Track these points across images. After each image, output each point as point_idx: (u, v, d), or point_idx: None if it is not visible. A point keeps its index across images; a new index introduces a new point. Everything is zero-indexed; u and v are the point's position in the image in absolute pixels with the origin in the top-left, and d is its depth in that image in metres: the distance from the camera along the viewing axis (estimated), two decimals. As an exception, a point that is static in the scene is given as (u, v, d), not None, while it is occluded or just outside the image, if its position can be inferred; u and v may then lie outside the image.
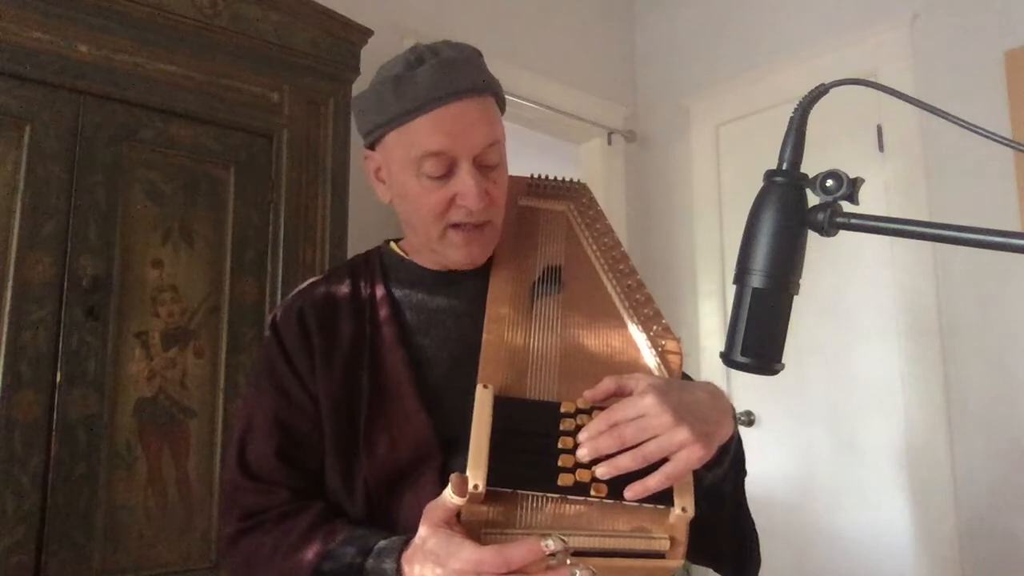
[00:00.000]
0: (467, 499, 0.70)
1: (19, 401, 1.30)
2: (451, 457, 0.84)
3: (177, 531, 1.45)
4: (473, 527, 0.72)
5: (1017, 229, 1.58)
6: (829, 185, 0.62)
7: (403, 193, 0.92)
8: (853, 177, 0.62)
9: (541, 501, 0.74)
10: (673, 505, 0.73)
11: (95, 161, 1.44)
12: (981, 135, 0.59)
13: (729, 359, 0.66)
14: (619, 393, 0.78)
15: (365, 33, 1.82)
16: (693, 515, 0.73)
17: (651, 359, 0.86)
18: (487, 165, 0.89)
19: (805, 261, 0.65)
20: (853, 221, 0.62)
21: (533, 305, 0.90)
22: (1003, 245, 0.55)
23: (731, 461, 0.85)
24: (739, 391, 2.61)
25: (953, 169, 2.18)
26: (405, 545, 0.75)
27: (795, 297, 0.65)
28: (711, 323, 2.75)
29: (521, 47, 2.71)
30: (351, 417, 0.89)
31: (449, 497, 0.70)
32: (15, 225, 1.34)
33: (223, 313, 1.56)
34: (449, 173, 0.88)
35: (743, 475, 0.91)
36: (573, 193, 1.05)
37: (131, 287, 1.46)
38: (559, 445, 0.75)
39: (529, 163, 1.65)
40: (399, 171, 0.90)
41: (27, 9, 1.37)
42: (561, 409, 0.78)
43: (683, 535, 0.74)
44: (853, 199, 0.62)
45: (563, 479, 0.73)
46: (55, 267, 1.37)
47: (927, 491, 2.16)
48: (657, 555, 0.74)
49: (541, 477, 0.74)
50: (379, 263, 1.01)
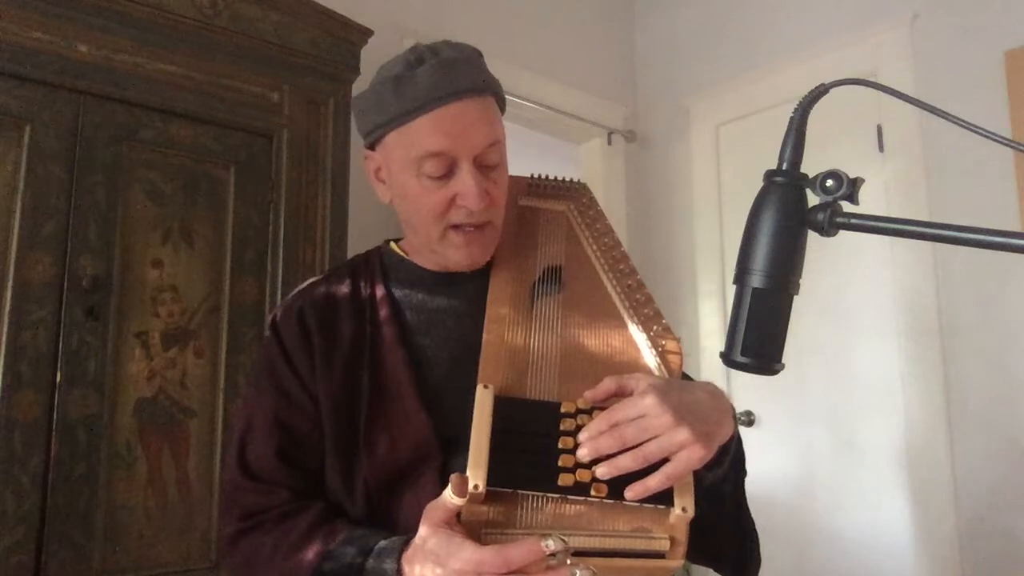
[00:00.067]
0: (467, 499, 0.70)
1: (19, 401, 1.30)
2: (451, 457, 0.84)
3: (177, 531, 1.45)
4: (473, 527, 0.72)
5: (1017, 229, 1.58)
6: (829, 185, 0.62)
7: (403, 193, 0.92)
8: (853, 177, 0.62)
9: (541, 501, 0.74)
10: (673, 505, 0.73)
11: (95, 161, 1.44)
12: (981, 135, 0.59)
13: (729, 359, 0.66)
14: (619, 393, 0.78)
15: (365, 33, 1.82)
16: (693, 515, 0.73)
17: (651, 359, 0.86)
18: (487, 165, 0.89)
19: (805, 261, 0.65)
20: (853, 221, 0.62)
21: (533, 305, 0.90)
22: (1003, 245, 0.55)
23: (731, 461, 0.85)
24: (739, 391, 2.61)
25: (953, 169, 2.18)
26: (405, 545, 0.75)
27: (795, 297, 0.65)
28: (711, 323, 2.75)
29: (521, 47, 2.71)
30: (351, 417, 0.89)
31: (449, 497, 0.71)
32: (15, 225, 1.34)
33: (223, 313, 1.56)
34: (449, 173, 0.87)
35: (743, 475, 0.91)
36: (573, 193, 1.04)
37: (131, 287, 1.46)
38: (559, 445, 0.75)
39: (529, 163, 1.65)
40: (399, 171, 0.90)
41: (27, 9, 1.37)
42: (561, 409, 0.78)
43: (683, 535, 0.74)
44: (853, 199, 0.62)
45: (563, 479, 0.73)
46: (55, 267, 1.37)
47: (927, 491, 2.16)
48: (657, 555, 0.74)
49: (541, 477, 0.74)
50: (379, 263, 1.01)
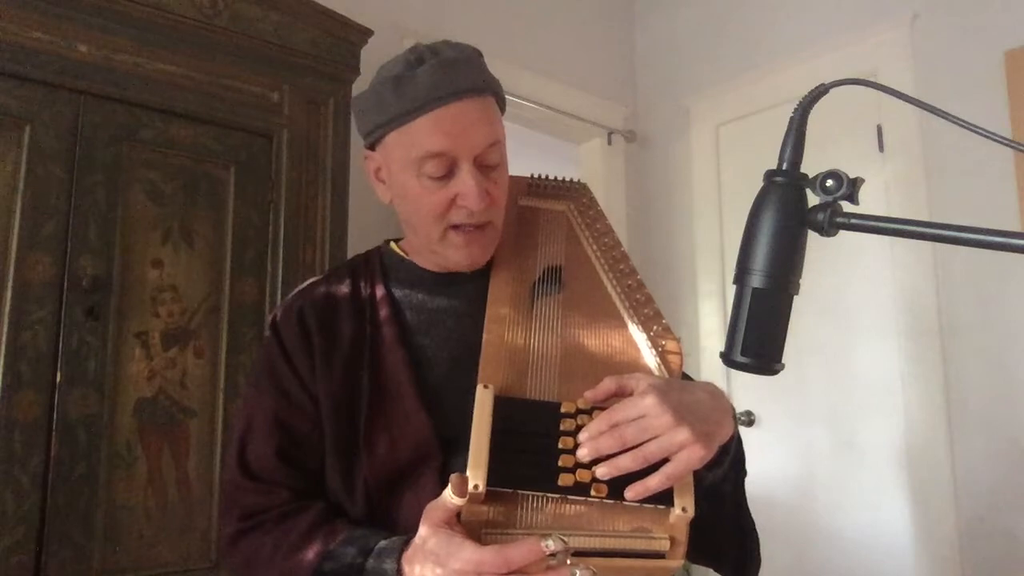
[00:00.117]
0: (467, 499, 0.70)
1: (19, 401, 1.30)
2: (451, 457, 0.84)
3: (177, 531, 1.45)
4: (473, 527, 0.72)
5: (1017, 229, 1.58)
6: (829, 185, 0.62)
7: (403, 193, 0.92)
8: (853, 177, 0.62)
9: (541, 501, 0.74)
10: (673, 505, 0.73)
11: (95, 161, 1.44)
12: (981, 135, 0.59)
13: (729, 359, 0.66)
14: (620, 393, 0.78)
15: (365, 33, 1.82)
16: (693, 515, 0.73)
17: (651, 359, 0.86)
18: (487, 165, 0.89)
19: (805, 261, 0.65)
20: (853, 221, 0.62)
21: (533, 305, 0.90)
22: (1003, 245, 0.55)
23: (731, 461, 0.85)
24: (739, 391, 2.61)
25: (953, 169, 2.18)
26: (405, 545, 0.75)
27: (795, 297, 0.65)
28: (711, 323, 2.75)
29: (521, 47, 2.71)
30: (351, 417, 0.89)
31: (449, 497, 0.71)
32: (15, 225, 1.34)
33: (223, 313, 1.56)
34: (450, 173, 0.87)
35: (743, 475, 0.91)
36: (573, 193, 1.04)
37: (131, 287, 1.46)
38: (559, 445, 0.75)
39: (529, 163, 1.65)
40: (399, 171, 0.90)
41: (27, 9, 1.37)
42: (561, 409, 0.78)
43: (683, 535, 0.74)
44: (853, 199, 0.62)
45: (563, 479, 0.73)
46: (55, 267, 1.37)
47: (927, 491, 2.16)
48: (657, 555, 0.74)
49: (541, 477, 0.74)
50: (379, 263, 1.01)
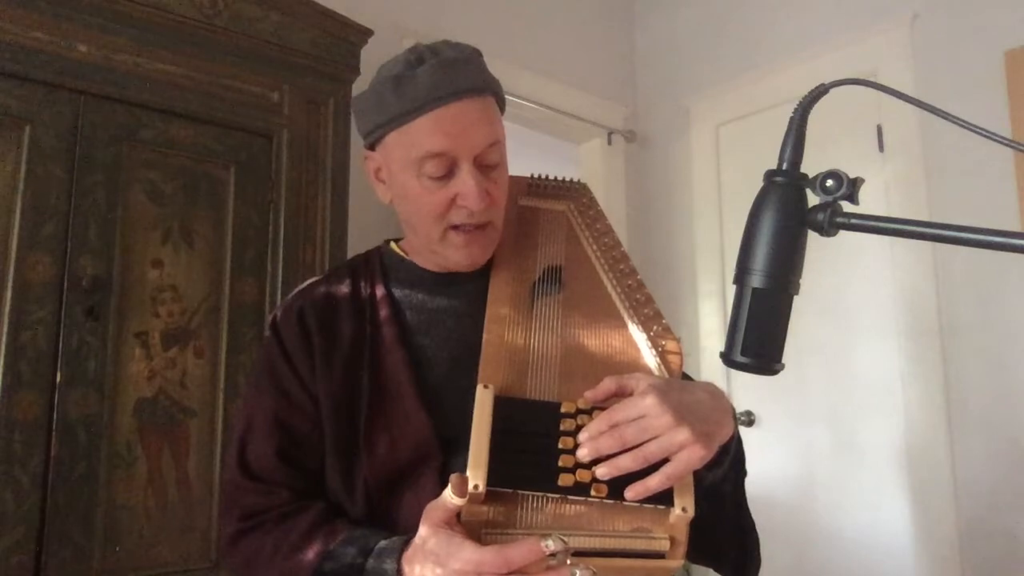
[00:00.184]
0: (467, 499, 0.70)
1: (19, 401, 1.30)
2: (451, 457, 0.84)
3: (177, 531, 1.45)
4: (473, 527, 0.72)
5: (1017, 229, 1.58)
6: (829, 185, 0.62)
7: (403, 193, 0.92)
8: (853, 177, 0.62)
9: (541, 501, 0.74)
10: (673, 505, 0.73)
11: (95, 161, 1.44)
12: (981, 135, 0.59)
13: (729, 359, 0.66)
14: (620, 393, 0.78)
15: (365, 33, 1.82)
16: (693, 515, 0.73)
17: (651, 359, 0.86)
18: (487, 165, 0.89)
19: (805, 261, 0.65)
20: (853, 221, 0.62)
21: (533, 305, 0.90)
22: (1003, 245, 0.55)
23: (731, 461, 0.85)
24: (739, 391, 2.61)
25: (953, 169, 2.18)
26: (405, 545, 0.75)
27: (795, 297, 0.65)
28: (711, 323, 2.75)
29: (521, 47, 2.71)
30: (351, 417, 0.89)
31: (449, 497, 0.71)
32: (15, 225, 1.34)
33: (223, 313, 1.56)
34: (450, 173, 0.87)
35: (743, 475, 0.91)
36: (573, 193, 1.04)
37: (131, 287, 1.46)
38: (559, 445, 0.75)
39: (529, 163, 1.65)
40: (399, 171, 0.90)
41: (27, 9, 1.37)
42: (561, 409, 0.78)
43: (683, 535, 0.74)
44: (853, 199, 0.62)
45: (563, 479, 0.73)
46: (55, 267, 1.37)
47: (927, 491, 2.16)
48: (657, 555, 0.74)
49: (541, 477, 0.74)
50: (379, 263, 1.01)
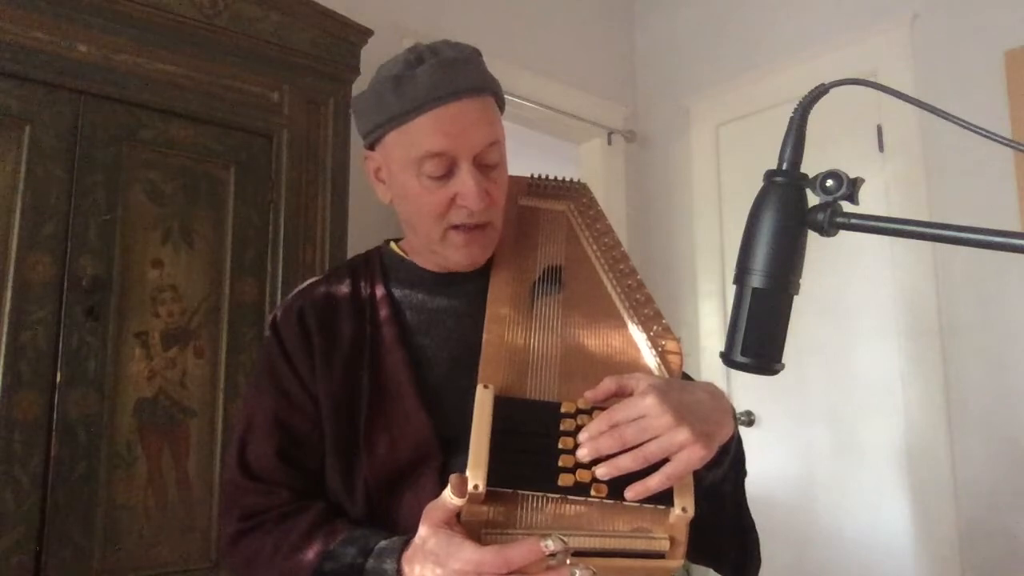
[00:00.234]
0: (467, 499, 0.70)
1: (19, 401, 1.30)
2: (451, 457, 0.84)
3: (177, 531, 1.45)
4: (473, 527, 0.72)
5: (1017, 229, 1.58)
6: (829, 185, 0.62)
7: (403, 193, 0.92)
8: (853, 177, 0.62)
9: (541, 501, 0.74)
10: (673, 505, 0.73)
11: (95, 161, 1.44)
12: (981, 135, 0.59)
13: (729, 359, 0.66)
14: (620, 393, 0.78)
15: (365, 33, 1.82)
16: (693, 515, 0.73)
17: (651, 359, 0.86)
18: (487, 165, 0.89)
19: (805, 261, 0.65)
20: (853, 221, 0.62)
21: (533, 305, 0.90)
22: (1003, 245, 0.55)
23: (731, 461, 0.85)
24: (739, 391, 2.61)
25: (953, 169, 2.18)
26: (405, 545, 0.75)
27: (795, 297, 0.65)
28: (711, 323, 2.75)
29: (521, 47, 2.71)
30: (351, 417, 0.89)
31: (449, 497, 0.71)
32: (15, 225, 1.34)
33: (223, 313, 1.56)
34: (449, 173, 0.87)
35: (743, 475, 0.91)
36: (573, 193, 1.04)
37: (131, 287, 1.46)
38: (559, 445, 0.75)
39: (529, 163, 1.65)
40: (399, 171, 0.90)
41: (27, 9, 1.37)
42: (561, 409, 0.78)
43: (683, 535, 0.74)
44: (853, 199, 0.62)
45: (563, 479, 0.73)
46: (55, 267, 1.37)
47: (927, 491, 2.16)
48: (657, 555, 0.74)
49: (541, 477, 0.74)
50: (379, 263, 1.01)
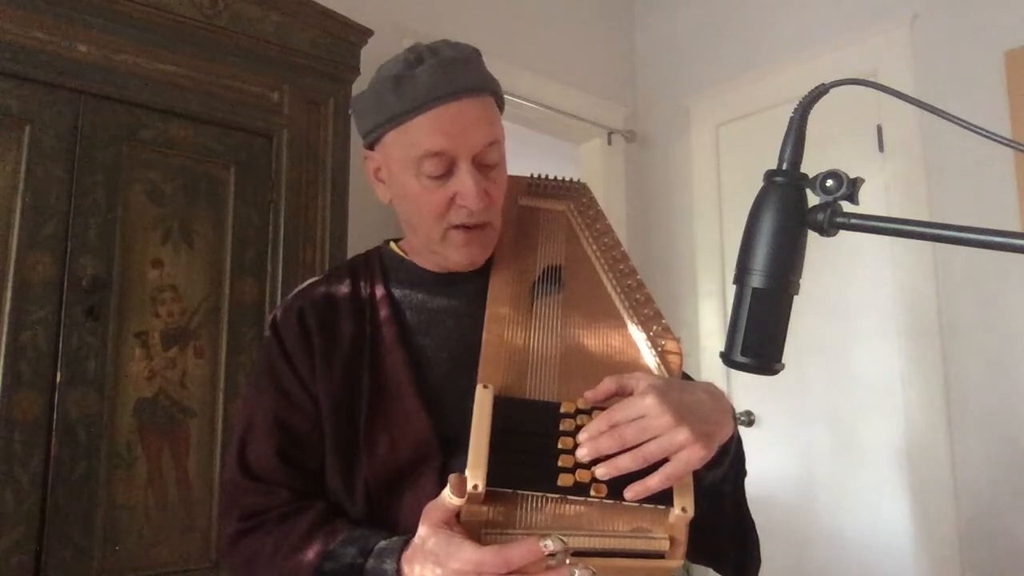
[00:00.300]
0: (466, 499, 0.70)
1: (19, 401, 1.30)
2: (451, 457, 0.84)
3: (177, 531, 1.45)
4: (473, 527, 0.72)
5: (1017, 229, 1.58)
6: (829, 185, 0.62)
7: (403, 193, 0.92)
8: (853, 177, 0.62)
9: (541, 501, 0.74)
10: (673, 505, 0.73)
11: (95, 161, 1.44)
12: (981, 135, 0.59)
13: (729, 359, 0.66)
14: (619, 393, 0.78)
15: (365, 33, 1.82)
16: (693, 515, 0.73)
17: (651, 359, 0.86)
18: (486, 164, 0.89)
19: (805, 261, 0.65)
20: (853, 221, 0.62)
21: (533, 305, 0.90)
22: (1003, 245, 0.55)
23: (731, 461, 0.85)
24: (739, 391, 2.61)
25: (953, 169, 2.18)
26: (405, 545, 0.75)
27: (795, 297, 0.65)
28: (711, 323, 2.75)
29: (521, 47, 2.71)
30: (351, 417, 0.89)
31: (448, 497, 0.71)
32: (15, 225, 1.34)
33: (223, 313, 1.56)
34: (448, 173, 0.87)
35: (743, 475, 0.91)
36: (573, 193, 1.04)
37: (131, 287, 1.46)
38: (559, 445, 0.75)
39: (529, 163, 1.65)
40: (399, 171, 0.90)
41: (27, 9, 1.37)
42: (561, 409, 0.78)
43: (683, 535, 0.74)
44: (853, 199, 0.62)
45: (563, 479, 0.73)
46: (55, 267, 1.37)
47: (927, 491, 2.16)
48: (657, 555, 0.74)
49: (541, 477, 0.74)
50: (379, 263, 1.01)
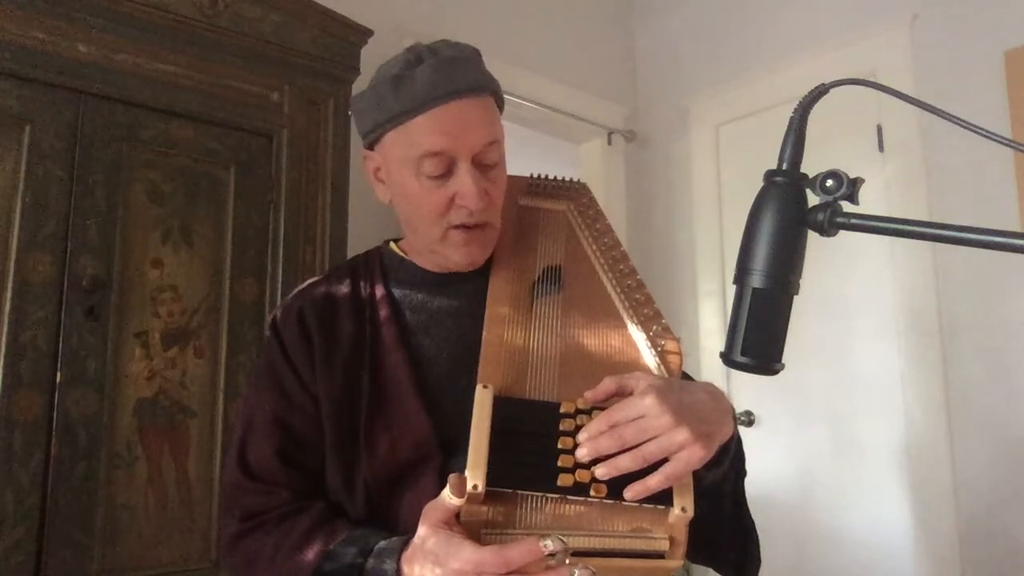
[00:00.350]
0: (466, 499, 0.70)
1: (19, 401, 1.30)
2: (451, 457, 0.84)
3: (177, 531, 1.45)
4: (473, 527, 0.72)
5: (1017, 229, 1.58)
6: (829, 185, 0.62)
7: (403, 193, 0.92)
8: (853, 177, 0.62)
9: (541, 501, 0.74)
10: (673, 505, 0.73)
11: (95, 161, 1.44)
12: (981, 135, 0.59)
13: (729, 359, 0.66)
14: (619, 393, 0.78)
15: (365, 33, 1.82)
16: (692, 515, 0.73)
17: (651, 359, 0.86)
18: (486, 164, 0.89)
19: (805, 261, 0.65)
20: (853, 221, 0.62)
21: (533, 305, 0.90)
22: (1003, 245, 0.55)
23: (731, 461, 0.85)
24: (739, 391, 2.61)
25: (953, 169, 2.18)
26: (405, 545, 0.75)
27: (795, 297, 0.65)
28: (711, 323, 2.75)
29: (521, 47, 2.71)
30: (351, 417, 0.89)
31: (448, 497, 0.71)
32: (15, 225, 1.34)
33: (223, 313, 1.56)
34: (448, 173, 0.87)
35: (743, 475, 0.91)
36: (573, 193, 1.04)
37: (131, 287, 1.46)
38: (559, 445, 0.75)
39: (529, 163, 1.65)
40: (398, 171, 0.90)
41: (27, 9, 1.37)
42: (561, 409, 0.78)
43: (683, 535, 0.74)
44: (853, 199, 0.62)
45: (563, 479, 0.73)
46: (55, 267, 1.37)
47: (927, 491, 2.16)
48: (657, 555, 0.74)
49: (541, 477, 0.74)
50: (379, 263, 1.01)
